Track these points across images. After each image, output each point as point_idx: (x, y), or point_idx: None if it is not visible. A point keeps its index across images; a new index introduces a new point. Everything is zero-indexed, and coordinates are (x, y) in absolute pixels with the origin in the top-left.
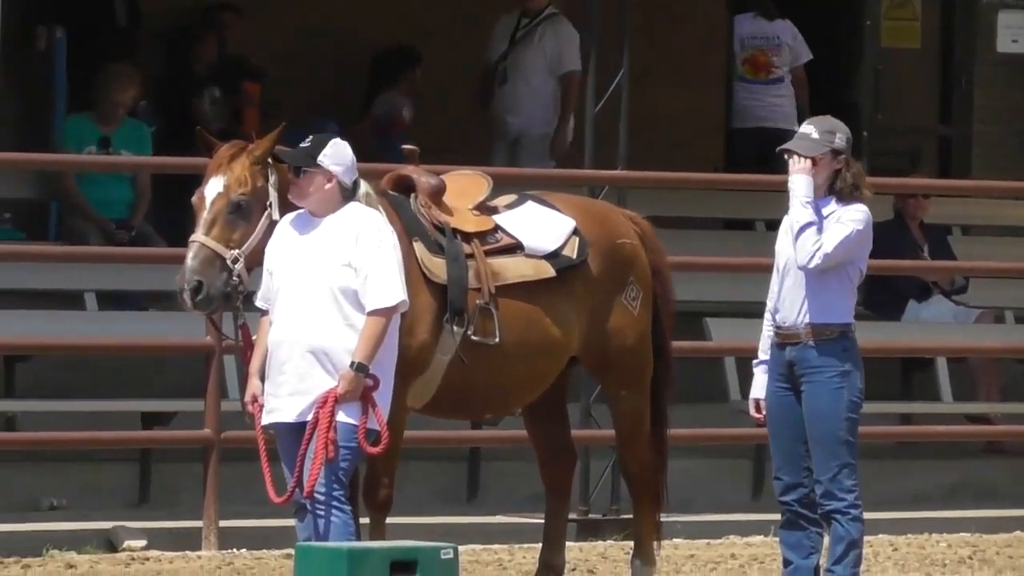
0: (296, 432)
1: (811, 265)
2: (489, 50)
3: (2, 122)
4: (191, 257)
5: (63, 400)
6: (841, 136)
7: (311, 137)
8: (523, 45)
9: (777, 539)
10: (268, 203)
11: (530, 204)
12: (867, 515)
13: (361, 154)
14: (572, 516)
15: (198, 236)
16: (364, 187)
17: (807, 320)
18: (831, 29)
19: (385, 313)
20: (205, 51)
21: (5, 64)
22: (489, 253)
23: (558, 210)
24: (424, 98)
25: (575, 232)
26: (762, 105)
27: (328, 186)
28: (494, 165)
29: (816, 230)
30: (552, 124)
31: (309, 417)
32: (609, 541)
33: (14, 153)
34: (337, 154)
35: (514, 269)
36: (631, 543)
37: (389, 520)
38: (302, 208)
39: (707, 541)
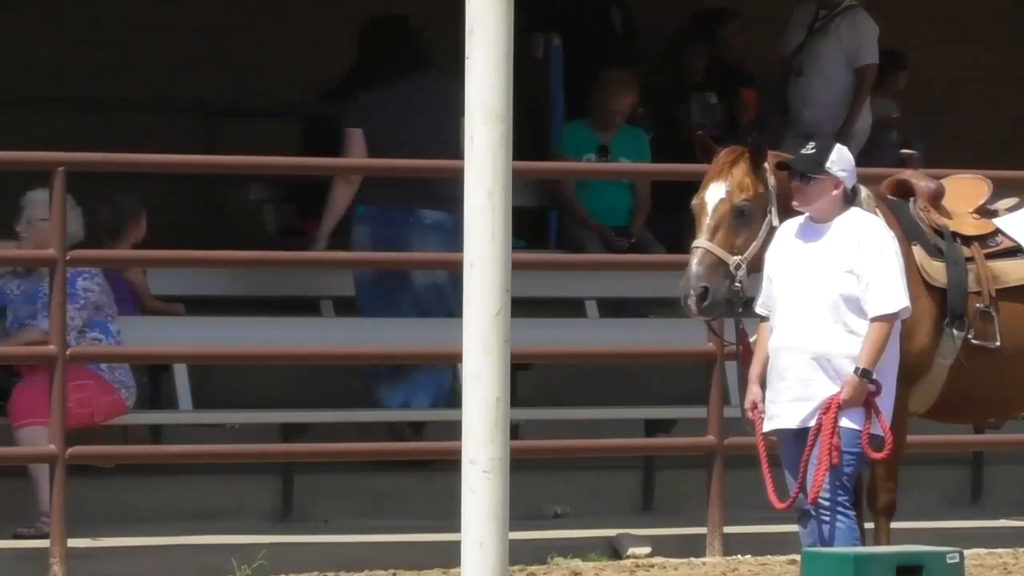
0: (798, 438)
1: None
2: (784, 41)
3: None
4: (696, 263)
5: (565, 408)
6: None
7: (812, 143)
8: (820, 36)
9: None
10: (768, 209)
11: None
12: None
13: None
14: None
15: (702, 242)
16: (864, 192)
17: None
18: None
19: (888, 319)
20: (698, 58)
21: None
22: (989, 256)
23: None
24: None
25: None
26: None
27: (835, 192)
28: None
29: None
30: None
31: (812, 423)
32: None
33: (515, 161)
34: (842, 159)
35: (1015, 272)
36: None
37: (893, 525)
38: (800, 214)
39: None
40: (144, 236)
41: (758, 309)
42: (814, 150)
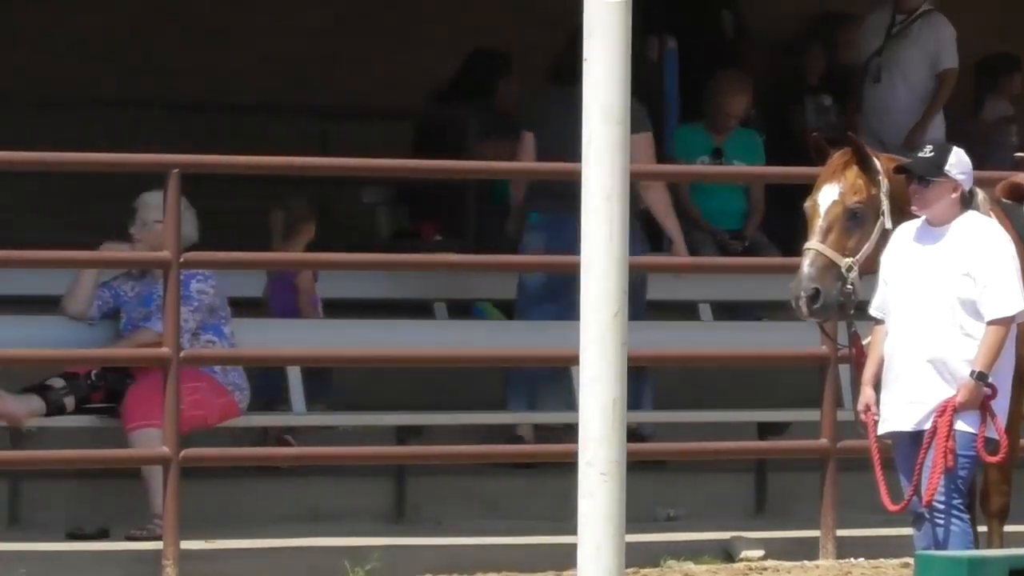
0: (913, 441)
1: None
2: (859, 48)
3: None
4: (807, 264)
5: (679, 411)
6: None
7: (930, 146)
8: (901, 41)
9: None
10: (881, 211)
11: None
12: None
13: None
14: None
15: (814, 243)
16: (980, 194)
17: None
18: None
19: (1005, 322)
20: (814, 60)
21: None
22: None
23: None
24: None
25: None
26: None
27: (953, 196)
28: None
29: None
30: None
31: (927, 426)
32: None
33: (639, 165)
34: (960, 162)
35: None
36: None
37: (1007, 528)
38: (916, 217)
39: None
40: (313, 238)
41: (872, 312)
42: (932, 153)
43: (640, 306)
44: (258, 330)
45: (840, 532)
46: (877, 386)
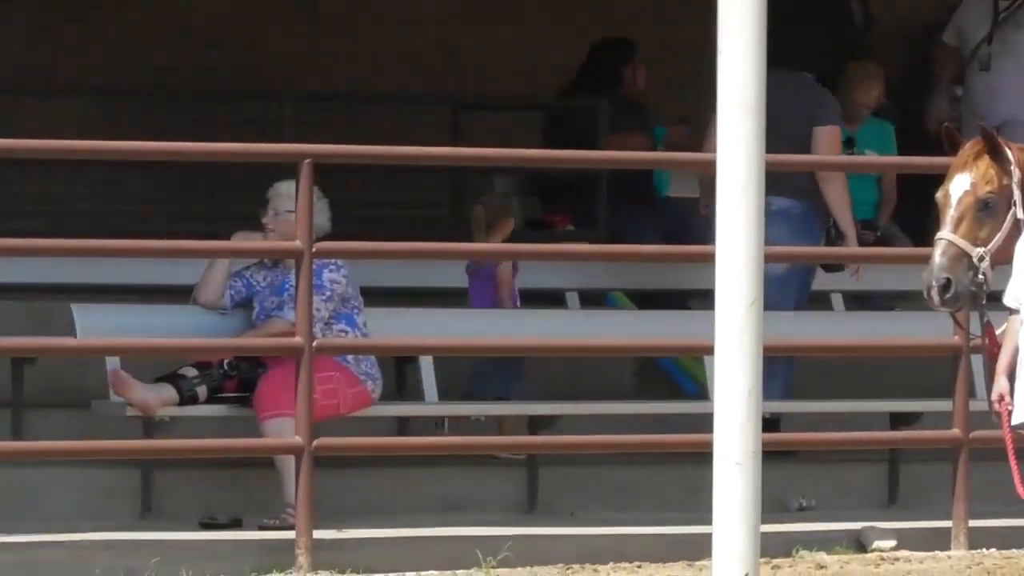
0: None
1: None
2: (957, 34)
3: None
4: (939, 254)
5: (811, 400)
6: None
7: None
8: (1011, 28)
9: None
10: (1013, 202)
11: None
12: None
13: None
14: None
15: (945, 233)
16: None
17: None
18: None
19: None
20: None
21: None
22: None
23: None
24: None
25: None
26: None
27: None
28: None
29: None
30: None
31: None
32: None
33: (778, 155)
34: None
35: None
36: None
37: None
38: None
39: None
40: (508, 233)
41: (1007, 302)
42: None
43: (802, 296)
44: (390, 320)
45: (972, 523)
46: (1011, 376)
